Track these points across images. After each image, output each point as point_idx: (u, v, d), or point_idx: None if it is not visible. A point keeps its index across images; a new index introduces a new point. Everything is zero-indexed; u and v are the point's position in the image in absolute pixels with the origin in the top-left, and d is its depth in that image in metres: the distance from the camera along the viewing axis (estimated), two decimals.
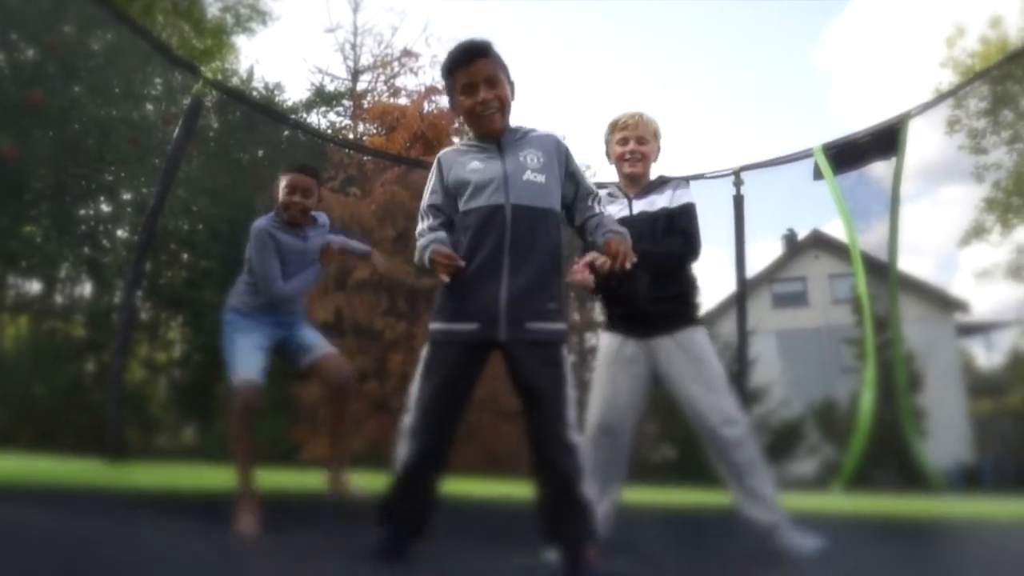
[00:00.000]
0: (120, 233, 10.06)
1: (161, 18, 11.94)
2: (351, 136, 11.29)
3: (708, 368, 2.44)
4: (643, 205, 2.59)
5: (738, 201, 5.41)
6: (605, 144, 2.75)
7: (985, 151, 14.78)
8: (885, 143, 5.21)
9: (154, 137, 9.41)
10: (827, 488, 5.49)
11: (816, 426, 11.41)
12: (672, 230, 2.51)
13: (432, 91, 11.22)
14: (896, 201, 5.32)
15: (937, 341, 13.11)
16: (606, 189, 2.67)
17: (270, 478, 2.94)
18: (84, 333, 9.34)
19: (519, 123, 2.15)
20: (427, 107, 10.94)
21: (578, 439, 1.92)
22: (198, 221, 9.73)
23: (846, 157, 5.36)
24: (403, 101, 11.35)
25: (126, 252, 9.10)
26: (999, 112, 14.29)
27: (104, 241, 9.94)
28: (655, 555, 2.68)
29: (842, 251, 8.25)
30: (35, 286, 9.56)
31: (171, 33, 12.06)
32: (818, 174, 5.41)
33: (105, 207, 10.16)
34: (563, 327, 1.97)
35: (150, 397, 9.85)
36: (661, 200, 2.56)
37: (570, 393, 1.93)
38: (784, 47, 39.21)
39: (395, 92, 11.77)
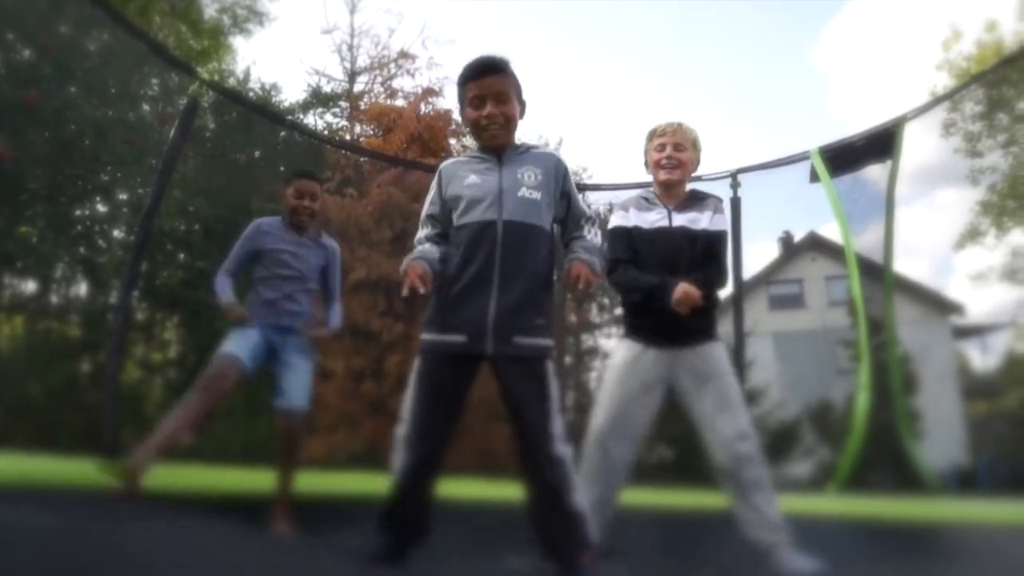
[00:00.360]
0: (116, 233, 10.04)
1: (158, 18, 11.93)
2: (348, 137, 11.28)
3: (726, 383, 2.45)
4: (684, 220, 2.57)
5: (735, 203, 5.43)
6: (644, 154, 2.75)
7: (981, 154, 14.85)
8: (881, 146, 5.23)
9: (150, 138, 9.37)
10: (822, 490, 5.50)
11: (812, 428, 11.43)
12: (709, 255, 2.53)
13: (429, 93, 11.24)
14: (892, 204, 5.34)
15: (932, 343, 13.15)
16: (642, 192, 2.69)
17: (270, 479, 2.93)
18: (80, 333, 9.31)
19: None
20: (424, 109, 10.95)
21: (565, 451, 1.95)
22: (194, 222, 9.70)
23: (842, 160, 5.38)
24: (400, 102, 11.35)
25: (122, 252, 9.07)
26: (994, 115, 14.35)
27: (100, 241, 9.91)
28: (650, 559, 2.68)
29: (838, 253, 8.28)
30: (31, 286, 9.55)
31: (168, 34, 12.05)
32: (814, 177, 5.43)
33: (101, 207, 10.13)
34: (549, 343, 2.00)
35: (146, 397, 9.82)
36: (703, 220, 2.56)
37: (556, 406, 1.96)
38: (782, 48, 39.36)
39: (392, 93, 11.78)
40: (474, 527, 3.01)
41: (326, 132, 11.31)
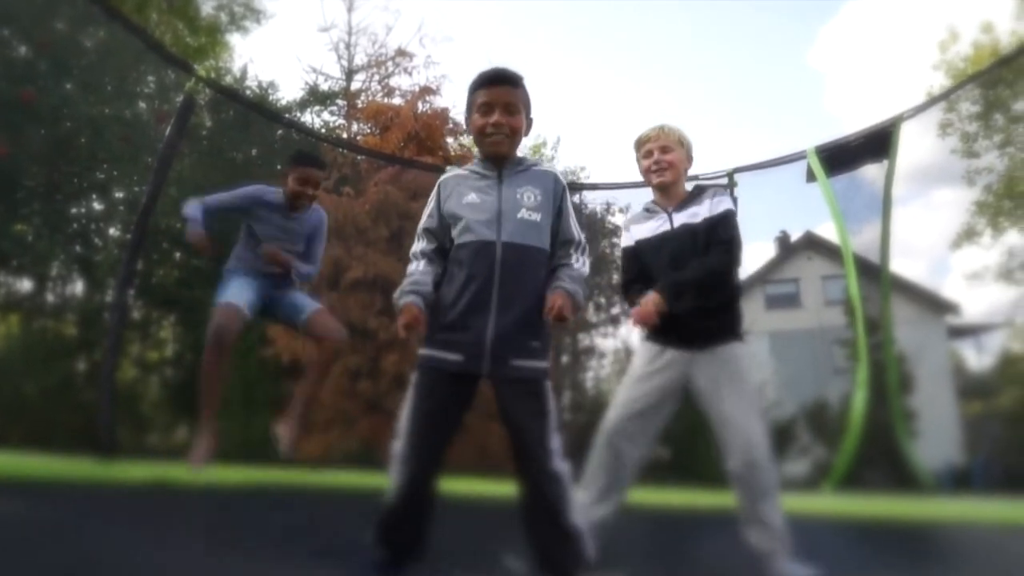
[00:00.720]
0: (112, 231, 10.04)
1: (155, 16, 11.89)
2: (345, 135, 11.27)
3: (744, 386, 2.43)
4: (684, 218, 2.55)
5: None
6: (637, 164, 2.76)
7: (977, 155, 14.91)
8: (877, 146, 5.24)
9: (146, 135, 9.37)
10: (818, 488, 5.51)
11: (808, 427, 11.46)
12: (713, 240, 2.49)
13: (426, 91, 11.23)
14: (888, 203, 5.35)
15: (928, 343, 13.19)
16: (645, 204, 2.69)
17: (269, 476, 2.93)
18: (76, 332, 9.30)
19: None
20: (421, 107, 10.94)
21: (563, 467, 1.95)
22: None
23: (839, 159, 5.38)
24: (397, 101, 11.35)
25: (118, 250, 9.07)
26: (991, 116, 14.41)
27: (96, 239, 9.90)
28: (649, 560, 2.69)
29: (834, 253, 8.29)
30: (26, 284, 9.53)
31: (164, 31, 12.01)
32: (811, 176, 5.44)
33: (97, 205, 10.12)
34: (545, 365, 2.00)
35: (142, 396, 9.82)
36: (702, 211, 2.53)
37: (553, 423, 1.96)
38: (779, 48, 39.43)
39: (389, 92, 11.76)
40: (472, 526, 3.02)
41: (323, 130, 11.31)
